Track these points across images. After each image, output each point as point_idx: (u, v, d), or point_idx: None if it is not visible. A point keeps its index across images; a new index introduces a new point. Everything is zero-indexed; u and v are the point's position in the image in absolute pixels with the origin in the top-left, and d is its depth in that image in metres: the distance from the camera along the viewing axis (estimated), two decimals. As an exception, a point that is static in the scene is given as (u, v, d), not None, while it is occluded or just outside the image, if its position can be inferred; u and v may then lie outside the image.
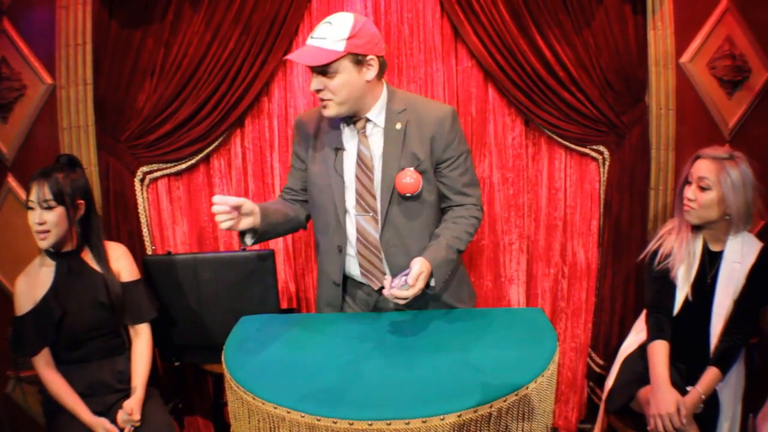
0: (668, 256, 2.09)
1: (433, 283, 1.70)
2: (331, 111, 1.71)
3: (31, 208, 1.96)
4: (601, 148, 2.58)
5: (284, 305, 2.74)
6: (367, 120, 1.77)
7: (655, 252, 2.14)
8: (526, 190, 2.71)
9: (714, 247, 2.09)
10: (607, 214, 2.61)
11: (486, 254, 2.75)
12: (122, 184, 2.57)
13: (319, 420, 1.31)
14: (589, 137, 2.56)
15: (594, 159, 2.62)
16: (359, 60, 1.67)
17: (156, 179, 2.67)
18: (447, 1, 2.49)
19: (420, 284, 1.62)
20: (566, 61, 2.45)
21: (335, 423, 1.30)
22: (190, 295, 2.35)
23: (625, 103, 2.49)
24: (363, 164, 1.77)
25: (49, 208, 1.96)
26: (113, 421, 1.99)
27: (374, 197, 1.78)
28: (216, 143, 2.63)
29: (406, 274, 1.62)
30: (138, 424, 2.00)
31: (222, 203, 1.59)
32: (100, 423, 1.97)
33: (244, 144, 2.69)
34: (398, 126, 1.75)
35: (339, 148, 1.79)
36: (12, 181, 2.55)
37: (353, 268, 1.87)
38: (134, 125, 2.53)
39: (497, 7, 2.43)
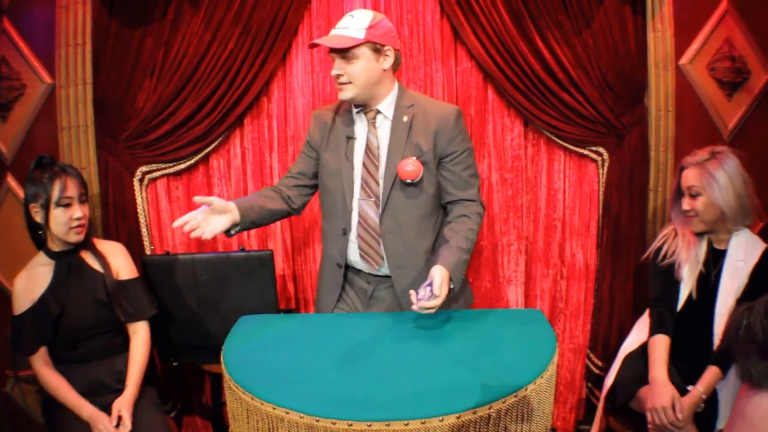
0: (673, 252, 2.11)
1: (452, 285, 1.75)
2: (347, 93, 1.84)
3: (68, 204, 1.97)
4: (601, 149, 2.58)
5: (283, 305, 2.74)
6: (378, 112, 1.90)
7: (659, 248, 2.15)
8: (525, 191, 2.71)
9: (718, 246, 2.11)
10: (606, 216, 2.61)
11: (484, 255, 2.75)
12: (121, 183, 2.56)
13: (318, 421, 1.30)
14: (588, 138, 2.56)
15: (593, 160, 2.62)
16: (377, 48, 1.82)
17: (155, 179, 2.66)
18: (447, 3, 2.49)
19: (444, 291, 1.68)
20: (566, 63, 2.45)
21: (334, 424, 1.30)
22: (188, 295, 2.35)
23: (624, 104, 2.49)
24: (370, 152, 1.90)
25: (85, 201, 2.02)
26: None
27: (378, 183, 1.89)
28: (215, 143, 2.63)
29: (430, 285, 1.67)
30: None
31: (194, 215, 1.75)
32: (102, 416, 1.95)
33: (244, 144, 2.69)
34: (405, 119, 1.88)
35: (350, 137, 1.93)
36: (11, 181, 2.55)
37: (353, 254, 1.96)
38: (133, 125, 2.53)
39: (497, 8, 2.43)
